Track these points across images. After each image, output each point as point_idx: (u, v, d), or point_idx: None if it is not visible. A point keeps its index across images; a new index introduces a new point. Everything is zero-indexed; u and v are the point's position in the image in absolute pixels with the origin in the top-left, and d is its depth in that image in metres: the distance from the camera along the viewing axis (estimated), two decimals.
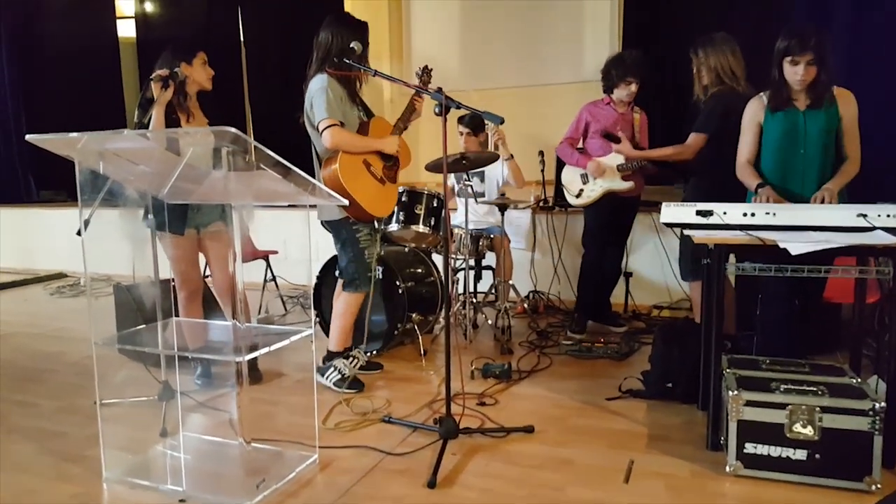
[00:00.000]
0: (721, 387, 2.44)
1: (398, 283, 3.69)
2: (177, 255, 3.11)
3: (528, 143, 5.00)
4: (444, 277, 2.76)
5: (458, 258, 4.24)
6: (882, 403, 2.14)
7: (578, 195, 4.03)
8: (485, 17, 6.74)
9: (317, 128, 3.01)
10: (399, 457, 2.49)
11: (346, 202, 2.47)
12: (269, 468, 2.35)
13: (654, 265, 4.73)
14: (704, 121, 3.35)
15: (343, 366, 3.21)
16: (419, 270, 4.06)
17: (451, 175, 4.15)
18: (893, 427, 2.19)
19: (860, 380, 2.36)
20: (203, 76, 3.10)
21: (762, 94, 2.86)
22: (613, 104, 3.95)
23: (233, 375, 2.20)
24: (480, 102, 4.25)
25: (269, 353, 2.26)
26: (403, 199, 3.84)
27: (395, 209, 3.87)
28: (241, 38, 7.29)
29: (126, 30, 7.78)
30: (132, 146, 2.19)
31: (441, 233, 3.81)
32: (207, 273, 3.42)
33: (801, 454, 2.20)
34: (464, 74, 6.65)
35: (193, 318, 3.14)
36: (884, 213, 2.40)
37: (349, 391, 3.16)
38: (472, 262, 4.34)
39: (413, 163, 3.36)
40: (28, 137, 2.09)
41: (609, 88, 3.92)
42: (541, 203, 5.21)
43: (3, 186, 7.47)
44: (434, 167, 3.74)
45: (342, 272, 3.23)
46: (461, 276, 4.28)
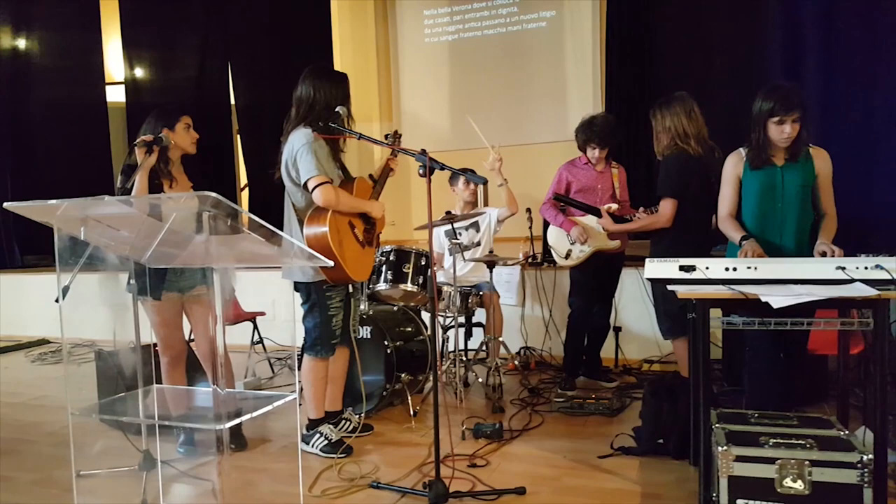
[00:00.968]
0: (711, 442, 2.42)
1: (387, 343, 3.66)
2: (157, 321, 3.08)
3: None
4: (432, 337, 2.73)
5: (448, 316, 4.23)
6: (869, 456, 2.12)
7: (567, 256, 4.05)
8: (472, 79, 6.95)
9: (302, 184, 2.96)
10: None
11: (331, 263, 2.44)
12: None
13: (643, 319, 4.73)
14: (666, 185, 3.34)
15: (329, 431, 3.14)
16: (408, 329, 4.03)
17: (443, 234, 4.16)
18: (883, 477, 2.16)
19: (848, 431, 2.35)
20: (187, 140, 3.10)
21: (741, 149, 2.92)
22: (591, 163, 4.03)
23: (215, 443, 2.15)
24: (469, 161, 4.36)
25: (254, 419, 2.21)
26: (391, 258, 3.85)
27: (384, 268, 3.88)
28: (232, 101, 7.43)
29: (115, 95, 7.88)
30: (114, 212, 2.19)
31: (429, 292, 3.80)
32: (192, 337, 3.38)
33: None
34: (453, 134, 6.84)
35: (177, 384, 3.08)
36: (861, 266, 2.43)
37: (341, 456, 3.07)
38: (462, 320, 4.32)
39: (405, 220, 3.38)
40: (6, 205, 2.07)
41: (582, 149, 4.03)
42: (529, 259, 5.26)
43: None
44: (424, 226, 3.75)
45: (306, 334, 3.16)
46: (451, 334, 4.25)
